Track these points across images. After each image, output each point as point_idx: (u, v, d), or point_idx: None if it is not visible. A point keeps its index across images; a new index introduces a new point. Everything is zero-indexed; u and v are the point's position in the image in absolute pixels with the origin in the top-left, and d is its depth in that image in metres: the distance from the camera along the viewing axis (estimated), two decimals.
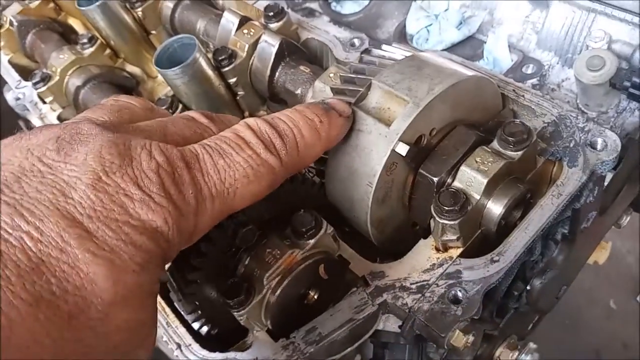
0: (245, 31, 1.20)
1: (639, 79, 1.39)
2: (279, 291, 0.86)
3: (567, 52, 1.59)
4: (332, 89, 0.99)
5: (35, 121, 1.63)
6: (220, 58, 1.18)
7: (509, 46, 1.65)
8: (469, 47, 1.72)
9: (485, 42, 1.67)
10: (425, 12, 1.78)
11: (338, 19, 2.00)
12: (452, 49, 1.73)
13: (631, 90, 1.42)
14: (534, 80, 1.60)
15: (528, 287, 0.93)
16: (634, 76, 1.39)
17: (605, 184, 0.99)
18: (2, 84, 2.26)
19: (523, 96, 1.02)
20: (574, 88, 1.40)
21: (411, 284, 0.87)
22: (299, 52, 1.20)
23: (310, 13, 2.08)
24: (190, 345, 0.91)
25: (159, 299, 1.00)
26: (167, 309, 0.96)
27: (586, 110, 1.55)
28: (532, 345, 0.98)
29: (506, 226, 0.87)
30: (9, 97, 1.99)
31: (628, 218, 1.34)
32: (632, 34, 1.43)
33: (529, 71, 1.64)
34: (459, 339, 0.81)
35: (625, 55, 1.49)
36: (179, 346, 0.91)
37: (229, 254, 0.88)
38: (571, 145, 0.94)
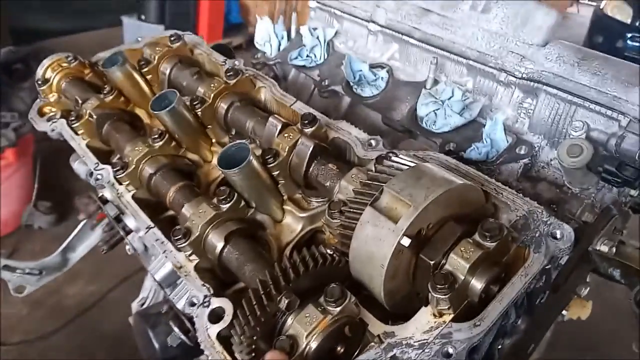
0: (286, 135, 1.53)
1: (610, 166, 1.65)
2: (315, 347, 1.15)
3: (554, 136, 1.86)
4: (354, 190, 1.30)
5: (109, 194, 1.91)
6: (267, 157, 1.50)
7: (505, 129, 1.91)
8: (470, 129, 2.01)
9: (485, 125, 1.95)
10: (433, 98, 2.08)
11: (359, 101, 2.31)
12: (456, 130, 2.02)
13: (604, 175, 1.69)
14: (526, 160, 1.87)
15: (499, 346, 1.19)
16: (605, 163, 1.65)
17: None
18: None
19: (502, 194, 1.30)
20: None
21: (415, 342, 1.14)
22: (328, 152, 1.52)
23: (334, 94, 2.39)
24: None
25: (221, 348, 1.27)
26: (229, 358, 1.24)
27: (570, 186, 1.82)
28: None
29: (486, 298, 1.15)
30: (78, 167, 2.30)
31: (587, 289, 1.60)
32: (608, 124, 1.71)
33: (522, 152, 1.92)
34: None
35: (601, 142, 1.76)
36: None
37: (278, 317, 1.18)
38: (537, 235, 1.21)
